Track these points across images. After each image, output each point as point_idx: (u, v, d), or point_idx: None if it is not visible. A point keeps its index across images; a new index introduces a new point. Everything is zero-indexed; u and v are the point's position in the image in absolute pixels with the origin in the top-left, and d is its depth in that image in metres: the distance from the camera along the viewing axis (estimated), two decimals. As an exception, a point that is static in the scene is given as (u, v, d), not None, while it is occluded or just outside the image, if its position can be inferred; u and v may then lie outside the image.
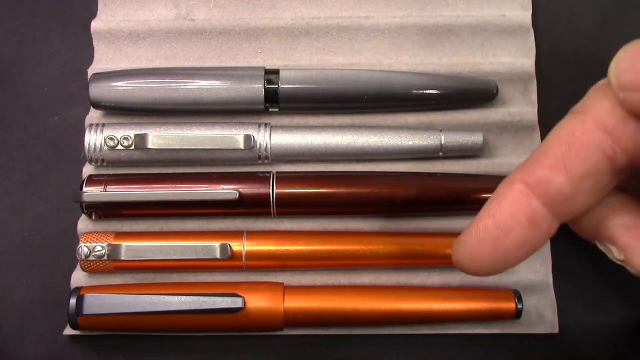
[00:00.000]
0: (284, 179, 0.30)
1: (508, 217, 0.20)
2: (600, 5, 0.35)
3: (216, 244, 0.30)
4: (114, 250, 0.30)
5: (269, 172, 0.31)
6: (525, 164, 0.21)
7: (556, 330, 0.30)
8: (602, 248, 0.23)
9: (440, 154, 0.31)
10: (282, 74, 0.31)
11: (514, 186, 0.21)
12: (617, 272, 0.31)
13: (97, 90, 0.31)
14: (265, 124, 0.31)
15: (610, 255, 0.23)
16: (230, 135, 0.31)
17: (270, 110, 0.32)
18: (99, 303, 0.28)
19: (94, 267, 0.30)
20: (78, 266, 0.31)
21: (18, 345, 0.30)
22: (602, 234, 0.22)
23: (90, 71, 0.33)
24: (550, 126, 0.21)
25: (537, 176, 0.20)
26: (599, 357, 0.30)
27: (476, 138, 0.31)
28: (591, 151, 0.20)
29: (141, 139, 0.30)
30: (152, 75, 0.31)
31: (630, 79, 0.19)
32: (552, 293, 0.30)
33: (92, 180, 0.30)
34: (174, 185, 0.30)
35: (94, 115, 0.33)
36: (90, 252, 0.30)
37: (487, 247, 0.21)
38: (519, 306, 0.29)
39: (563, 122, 0.21)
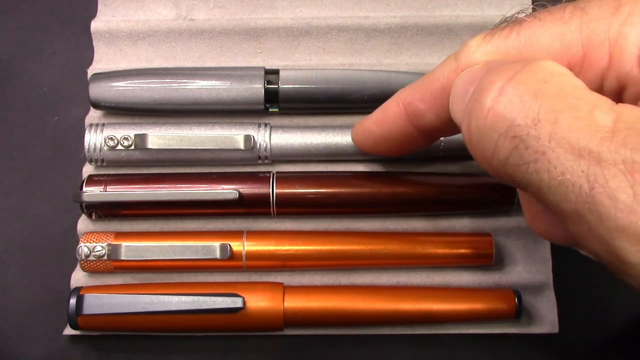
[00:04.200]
0: (284, 179, 0.30)
1: (387, 129, 0.27)
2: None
3: (216, 244, 0.30)
4: (114, 250, 0.30)
5: (269, 172, 0.31)
6: (412, 89, 0.25)
7: (556, 330, 0.30)
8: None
9: (440, 154, 0.31)
10: (282, 74, 0.31)
11: (397, 107, 0.25)
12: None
13: (97, 90, 0.31)
14: (265, 124, 0.31)
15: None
16: (230, 136, 0.31)
17: (270, 110, 0.32)
18: (99, 303, 0.28)
19: (94, 267, 0.30)
20: (78, 266, 0.31)
21: (18, 345, 0.30)
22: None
23: (90, 71, 0.33)
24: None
25: (414, 108, 0.25)
26: (599, 357, 0.30)
27: (476, 138, 0.31)
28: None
29: (141, 139, 0.30)
30: (152, 75, 0.31)
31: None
32: (552, 293, 0.30)
33: (92, 180, 0.30)
34: (174, 185, 0.30)
35: (94, 115, 0.33)
36: (90, 252, 0.30)
37: (371, 142, 0.28)
38: (519, 306, 0.29)
39: (447, 62, 0.23)
